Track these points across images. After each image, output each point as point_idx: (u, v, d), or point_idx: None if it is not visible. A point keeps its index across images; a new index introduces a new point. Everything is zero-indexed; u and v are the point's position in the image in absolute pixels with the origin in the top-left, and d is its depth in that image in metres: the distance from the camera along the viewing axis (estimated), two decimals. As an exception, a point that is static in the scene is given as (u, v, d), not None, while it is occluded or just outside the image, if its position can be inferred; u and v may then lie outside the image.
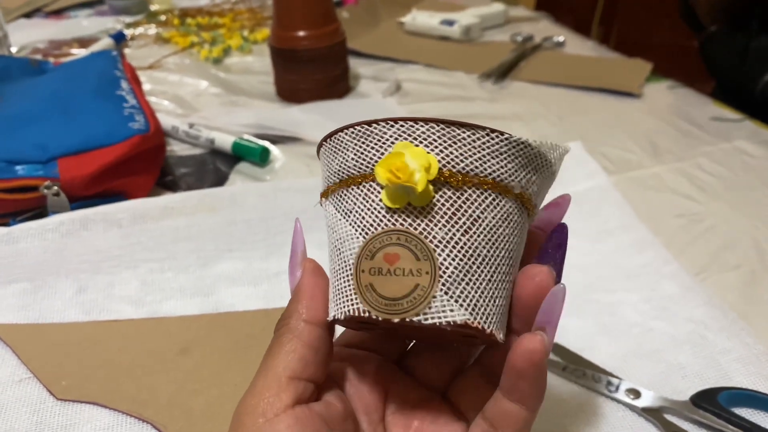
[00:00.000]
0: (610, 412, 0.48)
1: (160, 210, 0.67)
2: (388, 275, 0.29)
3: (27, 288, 0.59)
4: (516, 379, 0.29)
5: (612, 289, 0.59)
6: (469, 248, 0.29)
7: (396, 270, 0.29)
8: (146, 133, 0.73)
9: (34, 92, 0.82)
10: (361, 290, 0.29)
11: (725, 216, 0.69)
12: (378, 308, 0.29)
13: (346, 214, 0.31)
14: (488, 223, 0.30)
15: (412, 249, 0.29)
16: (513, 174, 0.31)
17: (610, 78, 1.03)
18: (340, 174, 0.32)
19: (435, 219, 0.29)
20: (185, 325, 0.56)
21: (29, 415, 0.48)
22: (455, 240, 0.29)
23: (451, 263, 0.29)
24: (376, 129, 0.30)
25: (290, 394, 0.30)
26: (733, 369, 0.50)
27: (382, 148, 0.30)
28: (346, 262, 0.31)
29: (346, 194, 0.31)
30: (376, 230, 0.30)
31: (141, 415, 0.48)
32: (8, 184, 0.66)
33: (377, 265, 0.29)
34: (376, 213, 0.30)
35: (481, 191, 0.30)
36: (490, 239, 0.30)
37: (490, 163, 0.30)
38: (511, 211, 0.31)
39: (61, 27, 1.39)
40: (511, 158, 0.30)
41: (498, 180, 0.30)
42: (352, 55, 1.06)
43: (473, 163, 0.30)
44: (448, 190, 0.29)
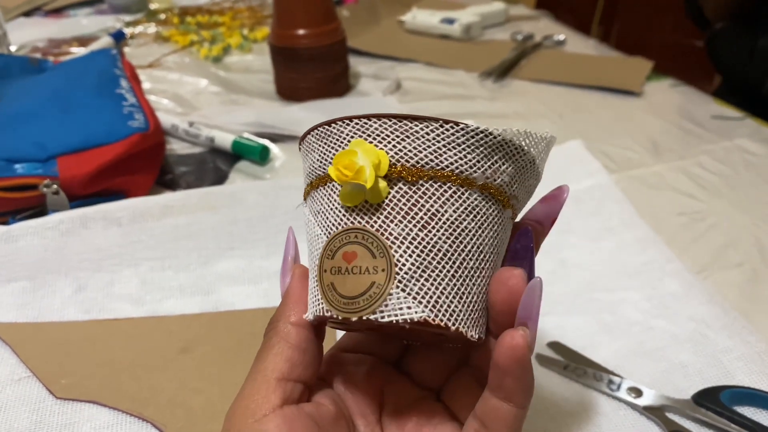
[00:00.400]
0: (611, 411, 0.47)
1: (160, 208, 0.67)
2: (347, 274, 0.29)
3: (26, 286, 0.59)
4: (501, 376, 0.29)
5: (613, 287, 0.59)
6: (428, 243, 0.29)
7: (353, 268, 0.29)
8: (146, 132, 0.73)
9: (34, 91, 0.82)
10: (324, 290, 0.30)
11: (727, 214, 0.69)
12: (338, 307, 0.29)
13: (315, 214, 0.31)
14: (449, 217, 0.29)
15: (369, 246, 0.29)
16: (474, 165, 0.30)
17: (611, 76, 1.03)
18: (310, 175, 0.32)
19: (391, 215, 0.29)
20: (185, 323, 0.56)
21: (29, 414, 0.48)
22: (412, 236, 0.29)
23: (408, 259, 0.29)
24: (335, 128, 0.30)
25: (278, 395, 0.30)
26: (735, 367, 0.50)
27: (340, 147, 0.30)
28: (314, 263, 0.31)
29: (315, 195, 0.32)
30: (336, 229, 0.30)
31: (141, 414, 0.47)
32: (7, 183, 0.66)
33: (337, 264, 0.29)
34: (337, 212, 0.30)
35: (439, 185, 0.29)
36: (452, 233, 0.29)
37: (446, 155, 0.29)
38: (477, 204, 0.30)
39: (60, 26, 1.39)
40: (470, 149, 0.29)
41: (457, 172, 0.29)
42: (352, 53, 1.06)
43: (428, 156, 0.29)
44: (404, 186, 0.29)
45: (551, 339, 0.53)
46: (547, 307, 0.57)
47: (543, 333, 0.54)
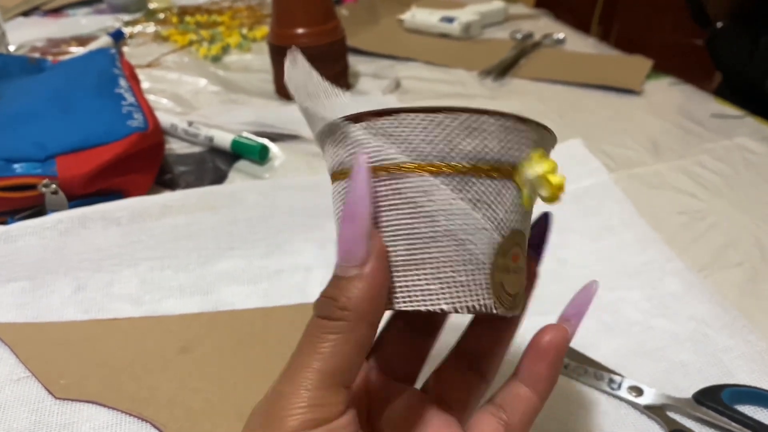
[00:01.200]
0: (612, 410, 0.47)
1: (160, 208, 0.67)
2: (512, 273, 0.30)
3: (25, 286, 0.59)
4: (536, 361, 0.30)
5: (613, 286, 0.59)
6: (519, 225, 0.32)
7: (516, 269, 0.30)
8: (145, 131, 0.73)
9: (33, 90, 0.82)
10: (495, 287, 0.29)
11: (727, 213, 0.69)
12: (505, 304, 0.29)
13: (476, 203, 0.29)
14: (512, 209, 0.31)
15: (523, 248, 0.31)
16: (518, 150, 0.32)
17: (610, 75, 1.02)
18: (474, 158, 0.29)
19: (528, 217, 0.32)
20: (185, 323, 0.56)
21: (28, 414, 0.48)
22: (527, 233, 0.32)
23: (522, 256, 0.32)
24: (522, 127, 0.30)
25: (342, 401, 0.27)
26: (735, 366, 0.50)
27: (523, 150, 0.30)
28: (472, 256, 0.29)
29: (478, 183, 0.29)
30: (506, 228, 0.29)
31: (141, 414, 0.47)
32: (6, 183, 0.65)
33: (507, 263, 0.30)
34: (511, 211, 0.30)
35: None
36: None
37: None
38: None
39: (59, 25, 1.39)
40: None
41: None
42: (351, 52, 1.06)
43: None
44: None
45: (551, 338, 0.53)
46: (547, 306, 0.56)
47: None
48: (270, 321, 0.56)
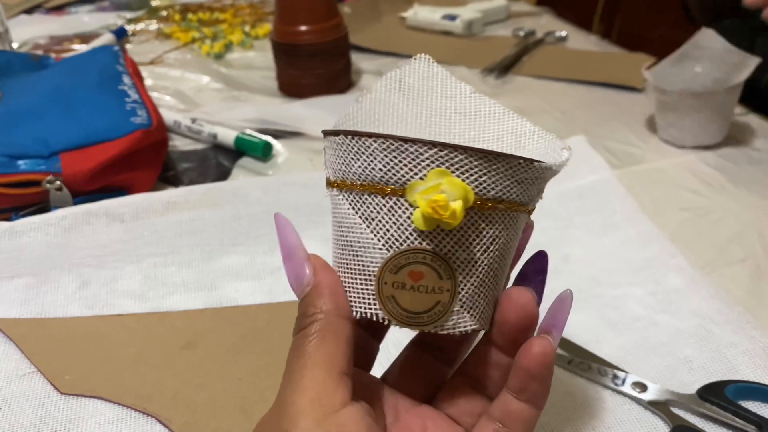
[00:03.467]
0: (616, 406, 0.47)
1: (163, 204, 0.67)
2: (411, 290, 0.31)
3: (30, 282, 0.59)
4: (527, 380, 0.31)
5: (617, 282, 0.59)
6: (486, 266, 0.31)
7: (419, 287, 0.31)
8: (149, 128, 0.73)
9: (36, 87, 0.82)
10: (382, 299, 0.31)
11: (730, 209, 0.69)
12: (399, 318, 0.31)
13: (367, 219, 0.31)
14: (503, 240, 0.32)
15: (437, 269, 0.30)
16: (534, 195, 0.33)
17: (612, 72, 1.02)
18: (362, 177, 0.31)
19: (460, 242, 0.31)
20: (189, 319, 0.56)
21: (33, 410, 0.48)
22: (475, 260, 0.31)
23: (470, 281, 0.31)
24: (412, 147, 0.30)
25: (345, 389, 0.29)
26: (739, 362, 0.50)
27: (415, 169, 0.30)
28: (364, 267, 0.32)
29: (369, 200, 0.31)
30: (401, 246, 0.31)
31: (146, 409, 0.47)
32: (11, 179, 0.66)
33: (401, 280, 0.31)
34: (404, 230, 0.31)
35: (503, 213, 0.31)
36: (503, 254, 0.32)
37: (516, 189, 0.31)
38: (521, 223, 0.33)
39: (62, 23, 1.39)
40: (534, 182, 0.32)
41: (519, 201, 0.32)
42: (354, 50, 1.06)
43: (503, 191, 0.31)
44: (475, 215, 0.31)
45: (555, 334, 0.53)
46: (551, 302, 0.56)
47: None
48: (274, 316, 0.56)
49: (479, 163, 0.30)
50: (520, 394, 0.31)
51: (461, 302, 0.31)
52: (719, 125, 0.79)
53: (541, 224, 0.66)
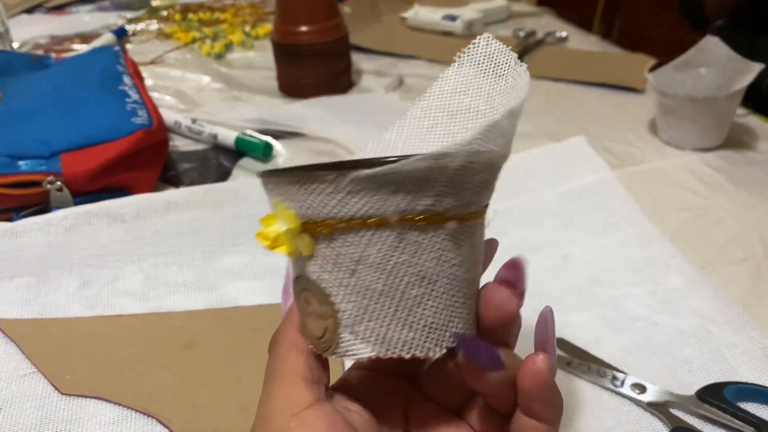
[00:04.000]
0: (615, 407, 0.48)
1: (164, 205, 0.67)
2: (309, 316, 0.31)
3: (31, 282, 0.59)
4: (529, 401, 0.31)
5: (617, 282, 0.59)
6: (361, 288, 0.29)
7: (311, 312, 0.31)
8: (149, 128, 0.73)
9: (37, 87, 0.82)
10: (302, 325, 0.32)
11: (730, 210, 0.69)
12: (313, 344, 0.32)
13: None
14: (374, 259, 0.29)
15: (315, 294, 0.30)
16: (381, 206, 0.28)
17: (613, 73, 1.02)
18: None
19: (323, 266, 0.30)
20: (190, 319, 0.56)
21: (34, 410, 0.48)
22: (344, 283, 0.29)
23: (347, 305, 0.30)
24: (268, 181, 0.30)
25: (311, 393, 0.31)
26: (739, 363, 0.50)
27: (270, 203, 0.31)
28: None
29: None
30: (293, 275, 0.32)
31: (146, 409, 0.48)
32: (11, 179, 0.66)
33: (301, 306, 0.32)
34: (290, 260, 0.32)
35: (354, 232, 0.29)
36: (383, 273, 0.29)
37: (350, 205, 0.28)
38: (402, 238, 0.29)
39: (62, 22, 1.39)
40: (371, 192, 0.28)
41: (366, 217, 0.28)
42: (354, 50, 1.06)
43: (334, 209, 0.28)
44: (324, 238, 0.29)
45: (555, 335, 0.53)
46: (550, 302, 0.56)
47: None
48: (275, 317, 0.56)
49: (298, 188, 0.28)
50: (528, 413, 0.31)
51: (348, 327, 0.30)
52: (720, 129, 0.79)
53: (541, 225, 0.67)
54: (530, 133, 0.86)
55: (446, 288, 0.30)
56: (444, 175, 0.28)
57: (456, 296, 0.31)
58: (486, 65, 0.38)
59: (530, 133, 0.86)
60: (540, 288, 0.58)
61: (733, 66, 0.78)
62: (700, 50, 0.81)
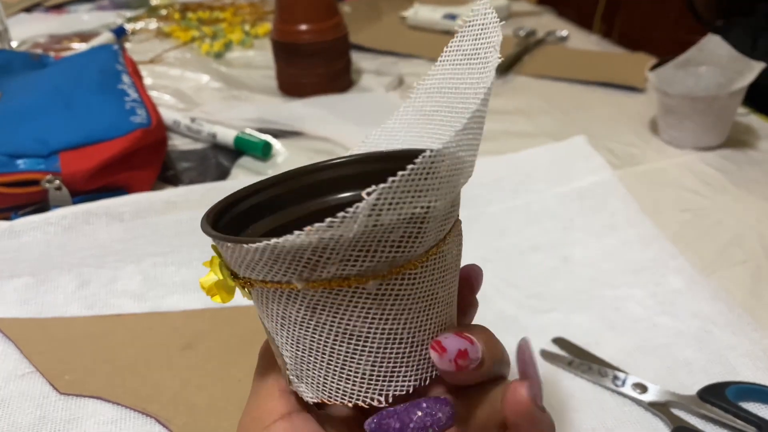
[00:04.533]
0: (616, 407, 0.47)
1: (163, 204, 0.67)
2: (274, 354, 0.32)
3: (29, 282, 0.59)
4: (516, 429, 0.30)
5: (617, 283, 0.59)
6: (292, 339, 0.29)
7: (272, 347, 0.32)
8: (148, 127, 0.73)
9: (36, 86, 0.82)
10: None
11: (731, 210, 0.69)
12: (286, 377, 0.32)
13: None
14: (295, 317, 0.28)
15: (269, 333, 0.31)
16: (286, 272, 0.26)
17: (613, 72, 1.02)
18: None
19: (261, 314, 0.31)
20: (189, 319, 0.56)
21: (33, 410, 0.48)
22: (278, 332, 0.30)
23: (288, 351, 0.30)
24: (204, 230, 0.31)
25: (283, 403, 0.32)
26: (740, 363, 0.50)
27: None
28: None
29: None
30: None
31: (145, 409, 0.47)
32: (10, 178, 0.66)
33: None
34: None
35: (271, 291, 0.28)
36: (308, 330, 0.28)
37: (258, 269, 0.27)
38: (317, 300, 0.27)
39: (61, 21, 1.38)
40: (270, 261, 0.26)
41: (275, 281, 0.27)
42: (354, 49, 1.06)
43: (247, 268, 0.28)
44: (254, 291, 0.29)
45: (555, 335, 0.53)
46: (552, 303, 0.56)
47: (548, 329, 0.54)
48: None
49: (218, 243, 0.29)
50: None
51: (291, 371, 0.31)
52: (720, 129, 0.79)
53: (541, 225, 0.66)
54: (530, 133, 0.86)
55: (382, 342, 0.28)
56: (341, 244, 0.25)
57: (400, 347, 0.29)
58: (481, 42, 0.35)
59: (530, 133, 0.86)
60: (540, 289, 0.58)
61: (734, 65, 0.78)
62: (701, 49, 0.81)
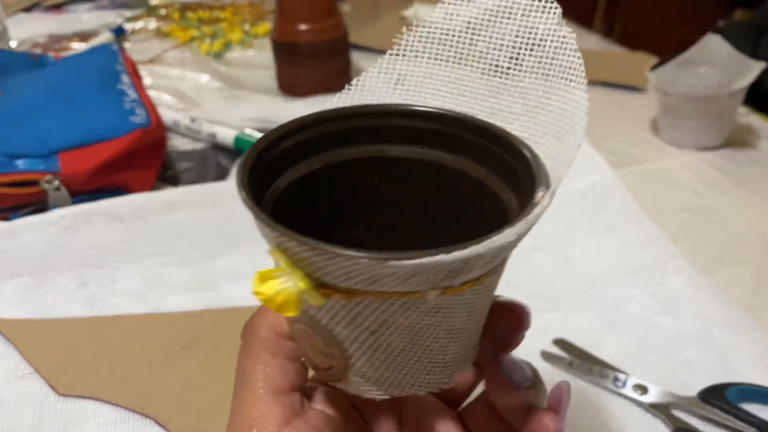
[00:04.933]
0: (617, 408, 0.47)
1: (163, 204, 0.67)
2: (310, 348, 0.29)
3: (29, 282, 0.59)
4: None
5: (618, 284, 0.58)
6: (380, 345, 0.27)
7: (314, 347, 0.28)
8: (147, 127, 0.73)
9: (35, 86, 0.82)
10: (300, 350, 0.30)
11: (732, 210, 0.69)
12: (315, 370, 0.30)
13: None
14: (402, 323, 0.26)
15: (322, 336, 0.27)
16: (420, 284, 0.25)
17: (614, 72, 1.02)
18: None
19: (337, 320, 0.27)
20: (189, 320, 0.56)
21: (32, 411, 0.48)
22: (361, 339, 0.27)
23: (361, 356, 0.28)
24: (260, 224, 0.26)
25: (280, 410, 0.29)
26: (740, 364, 0.50)
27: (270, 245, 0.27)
28: None
29: None
30: None
31: (144, 410, 0.47)
32: (9, 179, 0.65)
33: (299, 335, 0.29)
34: None
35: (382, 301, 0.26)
36: (409, 333, 0.27)
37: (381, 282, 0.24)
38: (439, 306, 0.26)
39: (60, 21, 1.38)
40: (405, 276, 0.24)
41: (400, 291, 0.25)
42: (354, 49, 1.06)
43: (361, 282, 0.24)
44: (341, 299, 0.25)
45: (555, 335, 0.53)
46: (552, 303, 0.56)
47: (548, 329, 0.54)
48: (274, 318, 0.56)
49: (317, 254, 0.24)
50: None
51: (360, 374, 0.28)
52: (721, 129, 0.79)
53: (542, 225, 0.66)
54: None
55: (470, 332, 0.29)
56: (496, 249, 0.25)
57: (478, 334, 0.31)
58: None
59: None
60: (541, 289, 0.58)
61: (735, 65, 0.78)
62: (702, 48, 0.81)
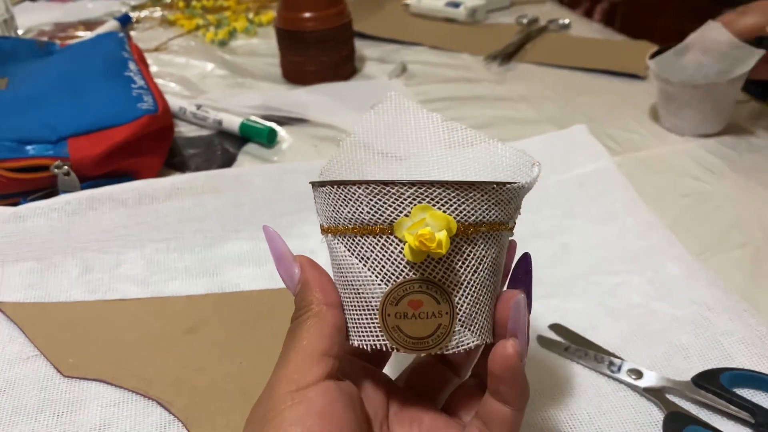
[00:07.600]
0: (611, 392, 0.48)
1: (167, 190, 0.68)
2: (414, 318, 0.33)
3: (34, 267, 0.60)
4: (497, 382, 0.33)
5: (615, 270, 0.59)
6: (478, 285, 0.34)
7: (420, 314, 0.33)
8: (155, 114, 0.73)
9: (43, 74, 0.82)
10: (388, 330, 0.34)
11: (731, 196, 0.69)
12: (406, 346, 0.34)
13: (363, 259, 0.34)
14: (491, 258, 0.34)
15: (433, 295, 0.33)
16: (512, 213, 0.35)
17: (615, 60, 1.02)
18: (353, 221, 0.34)
19: (451, 266, 0.33)
20: (192, 304, 0.57)
21: (37, 392, 0.49)
22: (467, 281, 0.33)
23: (465, 301, 0.33)
24: (393, 189, 0.32)
25: (321, 368, 0.32)
26: (735, 350, 0.50)
27: (400, 207, 0.32)
28: (367, 303, 0.34)
29: (362, 241, 0.34)
30: (398, 279, 0.33)
31: (147, 392, 0.48)
32: (19, 164, 0.66)
33: (402, 310, 0.33)
34: (397, 264, 0.33)
35: (486, 235, 0.34)
36: (492, 271, 0.35)
37: (494, 211, 0.34)
38: (505, 241, 0.36)
39: (66, 10, 1.39)
40: (510, 201, 0.35)
41: (499, 221, 0.34)
42: (357, 37, 1.06)
43: (482, 215, 0.33)
44: (461, 241, 0.33)
45: (553, 321, 0.54)
46: (550, 289, 0.57)
47: (545, 315, 0.54)
48: (275, 302, 0.56)
49: (456, 194, 0.32)
50: (494, 395, 0.33)
51: (461, 322, 0.33)
52: (720, 116, 0.79)
53: (541, 213, 0.67)
54: (533, 120, 0.87)
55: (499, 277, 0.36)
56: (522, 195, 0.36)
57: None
58: None
59: (533, 120, 0.87)
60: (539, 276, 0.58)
61: (734, 52, 0.78)
62: (701, 36, 0.81)
